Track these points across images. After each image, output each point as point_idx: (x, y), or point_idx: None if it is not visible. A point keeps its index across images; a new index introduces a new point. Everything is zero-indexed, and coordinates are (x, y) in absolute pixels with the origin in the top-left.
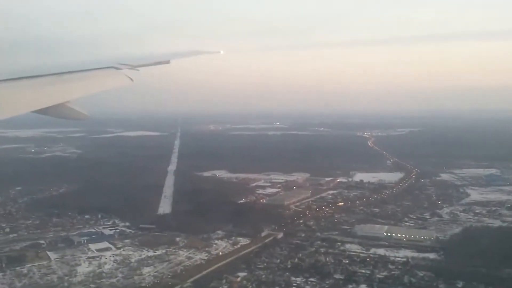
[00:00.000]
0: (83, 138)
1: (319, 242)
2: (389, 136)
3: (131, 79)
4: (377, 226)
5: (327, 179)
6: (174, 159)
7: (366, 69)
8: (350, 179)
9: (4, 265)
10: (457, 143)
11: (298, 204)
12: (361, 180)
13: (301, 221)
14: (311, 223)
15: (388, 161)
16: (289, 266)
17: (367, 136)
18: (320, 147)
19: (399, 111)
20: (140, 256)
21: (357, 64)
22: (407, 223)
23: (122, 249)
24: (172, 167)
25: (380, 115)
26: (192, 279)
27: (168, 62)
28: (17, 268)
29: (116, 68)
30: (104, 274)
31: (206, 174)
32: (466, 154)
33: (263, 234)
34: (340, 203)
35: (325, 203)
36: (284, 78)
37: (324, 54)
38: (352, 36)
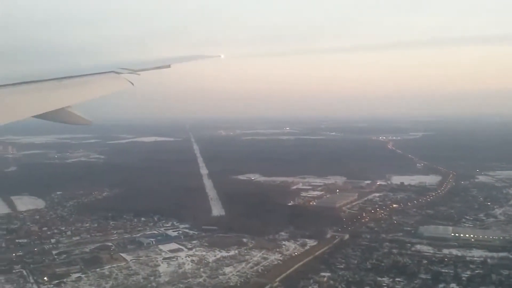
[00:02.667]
0: (99, 144)
1: (387, 243)
2: (404, 140)
3: (132, 83)
4: (441, 227)
5: (366, 182)
6: (201, 163)
7: (366, 75)
8: (389, 182)
9: (82, 266)
10: (476, 146)
11: (349, 206)
12: (402, 183)
13: (361, 222)
14: (372, 224)
15: (417, 164)
16: (369, 267)
17: (383, 140)
18: (341, 151)
19: (402, 116)
20: (215, 256)
21: (357, 69)
22: (466, 224)
23: (194, 249)
24: (203, 171)
25: (385, 120)
26: (278, 279)
27: (168, 66)
28: (97, 270)
29: (117, 73)
30: (188, 274)
31: (241, 177)
32: (491, 156)
33: (328, 235)
34: (392, 205)
35: (376, 206)
36: (286, 83)
37: (326, 59)
38: (355, 42)
